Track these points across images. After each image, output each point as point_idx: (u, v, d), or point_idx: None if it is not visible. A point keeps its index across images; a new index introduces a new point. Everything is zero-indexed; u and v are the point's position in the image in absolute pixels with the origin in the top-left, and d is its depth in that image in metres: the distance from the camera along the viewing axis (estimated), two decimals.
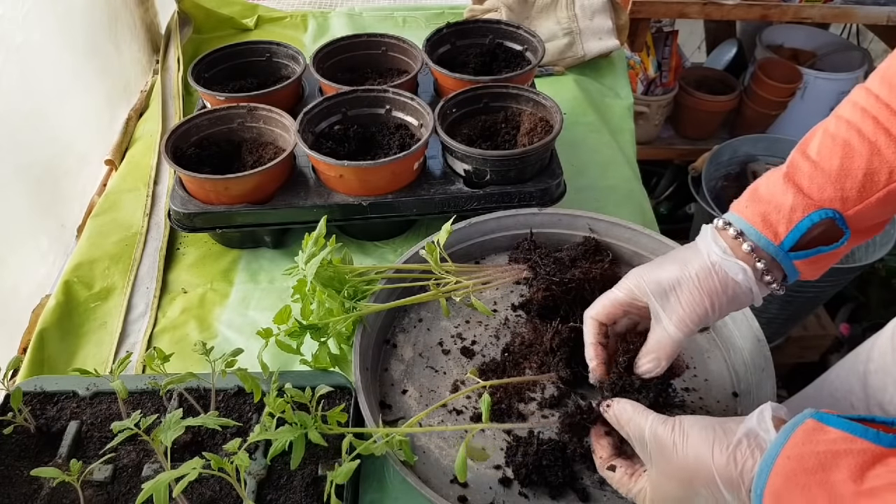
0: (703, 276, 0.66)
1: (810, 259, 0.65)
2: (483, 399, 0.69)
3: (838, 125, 0.64)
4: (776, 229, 0.64)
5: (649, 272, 0.70)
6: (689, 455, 0.58)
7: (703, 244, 0.68)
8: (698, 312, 0.67)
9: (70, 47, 1.23)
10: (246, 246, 1.10)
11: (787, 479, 0.50)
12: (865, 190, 0.61)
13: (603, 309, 0.73)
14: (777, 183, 0.65)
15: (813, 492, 0.48)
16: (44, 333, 0.96)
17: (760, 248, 0.65)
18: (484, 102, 1.13)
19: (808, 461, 0.49)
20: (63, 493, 0.73)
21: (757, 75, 2.27)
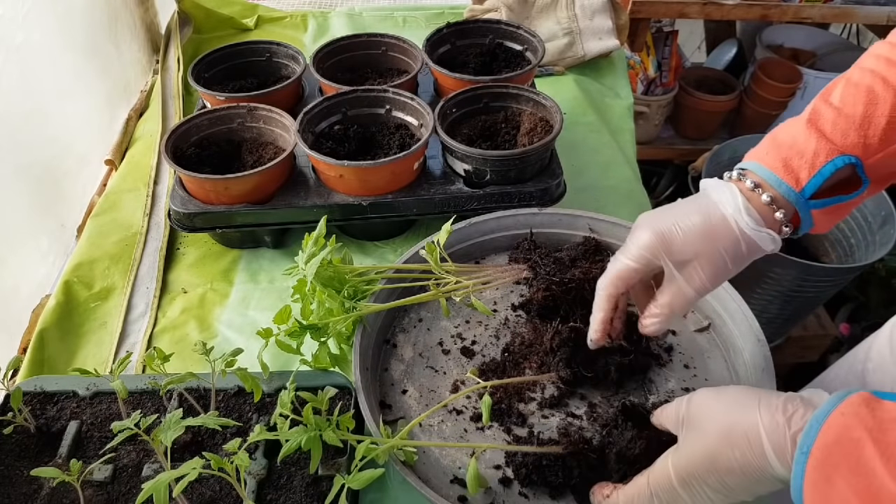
0: (730, 248, 0.64)
1: (828, 209, 0.64)
2: (483, 400, 0.69)
3: (862, 74, 0.63)
4: (798, 175, 0.63)
5: (662, 235, 0.66)
6: (733, 409, 0.56)
7: (730, 205, 0.65)
8: (719, 276, 0.66)
9: (70, 47, 1.23)
10: (246, 246, 1.10)
11: (840, 434, 0.48)
12: (888, 137, 0.61)
13: (618, 281, 0.70)
14: (799, 129, 0.64)
15: (866, 450, 0.46)
16: (44, 333, 0.96)
17: (781, 195, 0.64)
18: (484, 102, 1.13)
19: (866, 420, 0.47)
20: (63, 493, 0.73)
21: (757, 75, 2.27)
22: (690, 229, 0.65)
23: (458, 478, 0.75)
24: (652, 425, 0.75)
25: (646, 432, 0.74)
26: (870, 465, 0.46)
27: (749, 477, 0.55)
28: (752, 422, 0.54)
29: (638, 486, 0.64)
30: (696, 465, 0.58)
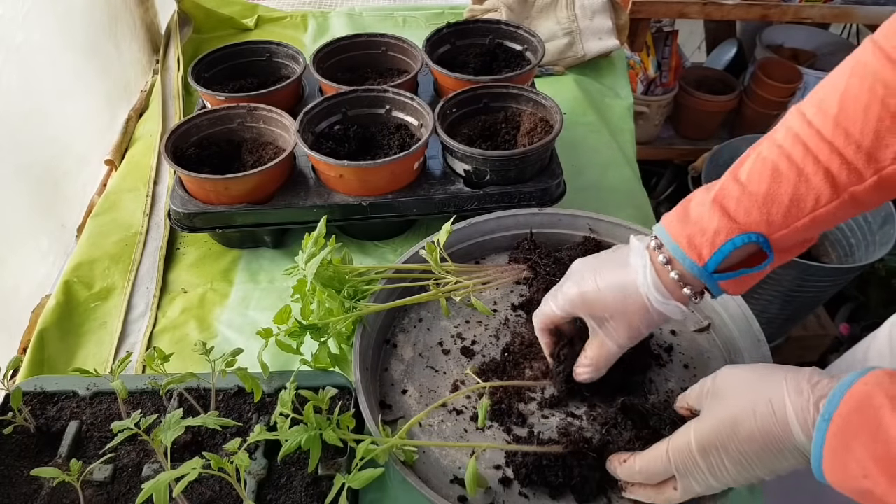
0: (640, 314, 0.70)
1: (733, 280, 0.66)
2: (481, 403, 0.69)
3: (770, 149, 0.64)
4: (700, 251, 0.65)
5: (585, 295, 0.72)
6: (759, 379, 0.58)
7: (641, 277, 0.69)
8: (634, 336, 0.72)
9: (70, 47, 1.23)
10: (246, 246, 1.10)
11: (861, 402, 0.49)
12: (791, 215, 0.62)
13: (547, 321, 0.78)
14: (705, 205, 0.66)
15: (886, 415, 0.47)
16: (44, 333, 0.96)
17: (687, 270, 0.67)
18: (484, 102, 1.13)
19: (888, 388, 0.49)
20: (63, 493, 0.73)
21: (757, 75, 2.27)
22: (608, 294, 0.71)
23: (458, 478, 0.75)
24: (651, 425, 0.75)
25: (645, 432, 0.74)
26: (890, 431, 0.46)
27: (770, 447, 0.56)
28: (778, 389, 0.56)
29: (657, 451, 0.65)
30: (718, 433, 0.59)
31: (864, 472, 0.48)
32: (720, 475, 0.59)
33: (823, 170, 0.60)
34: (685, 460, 0.61)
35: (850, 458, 0.49)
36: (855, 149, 0.58)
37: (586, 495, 0.73)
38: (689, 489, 0.63)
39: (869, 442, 0.48)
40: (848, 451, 0.49)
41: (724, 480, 0.60)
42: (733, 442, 0.58)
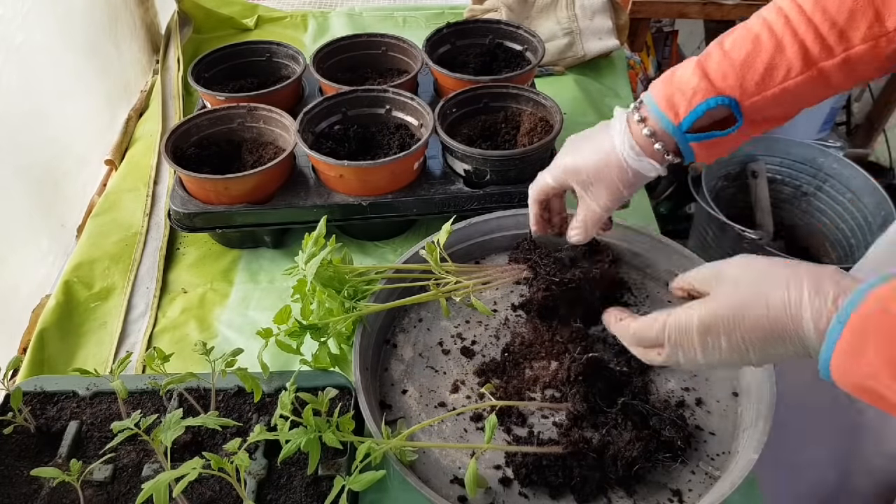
0: (618, 173, 0.75)
1: (704, 143, 0.71)
2: (489, 420, 0.69)
3: (755, 21, 0.69)
4: (677, 110, 0.70)
5: (573, 162, 0.78)
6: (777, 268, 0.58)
7: (617, 137, 0.75)
8: (615, 196, 0.77)
9: (70, 47, 1.23)
10: (246, 246, 1.10)
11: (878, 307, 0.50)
12: (763, 84, 0.67)
13: (540, 192, 0.85)
14: (689, 67, 0.71)
15: None
16: (44, 333, 0.96)
17: (661, 129, 0.72)
18: (484, 102, 1.13)
19: None
20: (63, 493, 0.73)
21: None
22: (590, 158, 0.77)
23: (458, 478, 0.75)
24: (651, 426, 0.75)
25: (645, 432, 0.74)
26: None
27: (774, 335, 0.56)
28: (796, 282, 0.55)
29: (655, 322, 0.65)
30: (724, 317, 0.59)
31: (874, 373, 0.49)
32: (711, 355, 0.60)
33: (799, 42, 0.65)
34: (681, 336, 0.62)
35: (860, 360, 0.50)
36: (830, 26, 0.64)
37: (586, 495, 0.73)
38: (673, 359, 0.64)
39: (882, 345, 0.48)
40: (859, 354, 0.50)
41: (712, 360, 0.61)
42: (738, 328, 0.58)
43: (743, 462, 0.71)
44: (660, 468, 0.74)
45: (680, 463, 0.75)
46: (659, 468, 0.74)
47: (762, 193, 2.12)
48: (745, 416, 0.79)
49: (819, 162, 2.05)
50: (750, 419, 0.77)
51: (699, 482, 0.74)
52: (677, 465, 0.74)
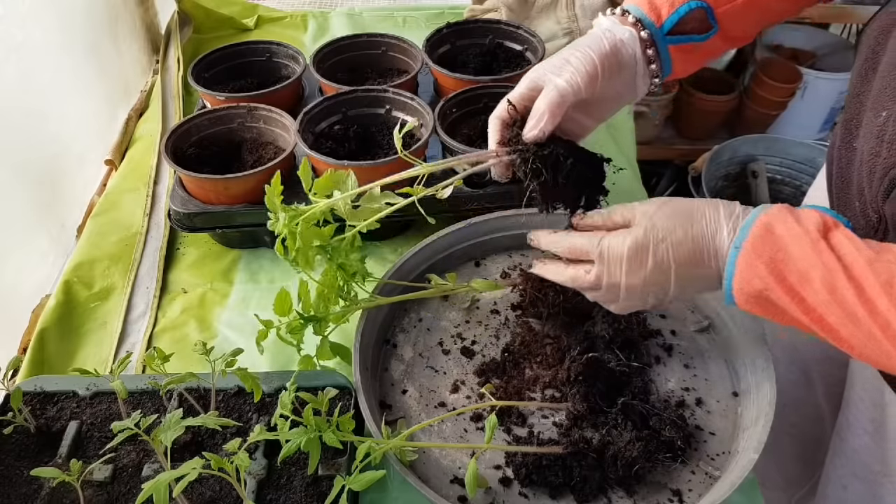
0: (593, 41, 0.73)
1: (683, 46, 0.75)
2: (489, 420, 0.69)
3: None
4: (660, 12, 0.73)
5: (546, 60, 0.75)
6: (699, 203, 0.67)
7: (595, 24, 0.76)
8: (588, 70, 0.71)
9: (70, 47, 1.23)
10: (246, 246, 1.10)
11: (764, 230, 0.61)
12: None
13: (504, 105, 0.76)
14: None
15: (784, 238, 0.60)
16: (44, 333, 0.96)
17: (644, 25, 0.74)
18: (484, 102, 1.13)
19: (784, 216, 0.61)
20: (63, 493, 0.73)
21: (757, 75, 2.26)
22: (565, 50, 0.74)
23: (458, 478, 0.75)
24: (651, 426, 0.75)
25: (645, 432, 0.74)
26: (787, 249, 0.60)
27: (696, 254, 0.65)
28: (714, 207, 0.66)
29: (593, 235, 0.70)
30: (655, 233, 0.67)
31: (765, 284, 0.61)
32: (636, 274, 0.67)
33: None
34: (612, 254, 0.68)
35: (752, 274, 0.61)
36: None
37: (586, 495, 0.73)
38: (600, 278, 0.70)
39: (767, 261, 0.60)
40: (751, 269, 0.61)
41: (635, 280, 0.68)
42: (665, 242, 0.66)
43: (743, 462, 0.71)
44: (660, 468, 0.74)
45: (680, 463, 0.75)
46: (659, 468, 0.74)
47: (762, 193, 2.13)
48: (745, 416, 0.79)
49: (819, 162, 2.05)
50: (750, 419, 0.77)
51: (699, 482, 0.74)
52: (677, 465, 0.74)
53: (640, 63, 0.75)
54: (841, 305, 0.57)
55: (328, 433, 0.67)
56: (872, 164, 0.69)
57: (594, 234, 0.70)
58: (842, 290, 0.57)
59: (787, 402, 0.75)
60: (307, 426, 0.67)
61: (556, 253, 0.75)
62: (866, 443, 0.86)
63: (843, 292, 0.57)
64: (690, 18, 0.73)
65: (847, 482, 0.91)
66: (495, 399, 0.80)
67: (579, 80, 0.71)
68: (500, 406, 0.77)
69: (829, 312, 0.58)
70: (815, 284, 0.58)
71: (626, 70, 0.74)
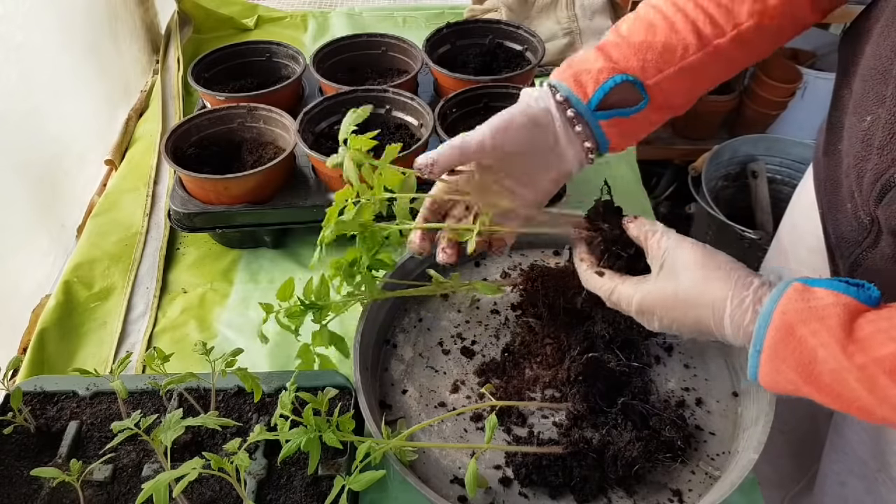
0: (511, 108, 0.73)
1: (612, 120, 0.73)
2: (489, 420, 0.69)
3: (647, 9, 0.74)
4: (585, 88, 0.72)
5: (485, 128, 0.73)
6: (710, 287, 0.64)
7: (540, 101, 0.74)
8: (494, 122, 0.72)
9: (70, 47, 1.23)
10: (246, 246, 1.10)
11: (785, 333, 0.58)
12: (663, 61, 0.71)
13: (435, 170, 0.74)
14: (590, 53, 0.74)
15: (809, 341, 0.56)
16: (44, 333, 0.96)
17: (571, 103, 0.73)
18: (484, 102, 1.13)
19: (803, 314, 0.57)
20: (63, 493, 0.73)
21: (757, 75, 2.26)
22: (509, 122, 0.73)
23: (458, 478, 0.75)
24: (651, 426, 0.75)
25: (645, 432, 0.74)
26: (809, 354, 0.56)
27: (698, 331, 0.65)
28: (723, 296, 0.63)
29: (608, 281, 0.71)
30: (660, 304, 0.66)
31: (795, 386, 0.59)
32: (646, 324, 0.69)
33: (691, 23, 0.70)
34: (621, 306, 0.70)
35: (780, 377, 0.59)
36: (716, 5, 0.70)
37: (586, 495, 0.73)
38: None
39: (794, 366, 0.57)
40: (779, 373, 0.59)
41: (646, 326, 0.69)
42: (669, 316, 0.66)
43: (743, 462, 0.71)
44: (660, 468, 0.74)
45: (680, 463, 0.75)
46: (659, 468, 0.74)
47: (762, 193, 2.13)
48: (745, 416, 0.79)
49: None
50: (750, 419, 0.77)
51: (699, 482, 0.74)
52: (677, 465, 0.74)
53: (562, 129, 0.73)
54: (884, 401, 0.55)
55: (328, 433, 0.67)
56: (860, 169, 0.68)
57: (610, 281, 0.70)
58: (883, 389, 0.54)
59: (780, 400, 0.74)
60: (307, 426, 0.67)
61: None
62: (863, 439, 0.86)
63: (885, 391, 0.54)
64: (618, 91, 0.71)
65: (845, 479, 0.91)
66: (495, 399, 0.80)
67: (486, 129, 0.72)
68: (500, 406, 0.77)
69: (871, 406, 0.56)
70: (851, 384, 0.55)
71: (542, 128, 0.73)
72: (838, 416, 0.93)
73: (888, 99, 0.64)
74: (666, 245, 0.68)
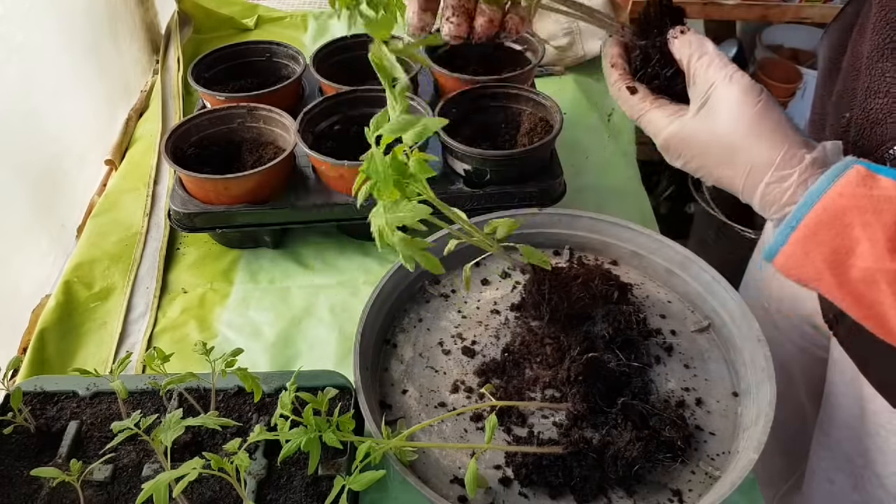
0: None
1: None
2: (489, 420, 0.69)
3: None
4: None
5: None
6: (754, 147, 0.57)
7: None
8: None
9: (70, 47, 1.23)
10: (246, 246, 1.10)
11: (833, 215, 0.52)
12: None
13: None
14: None
15: (855, 231, 0.50)
16: (44, 333, 0.96)
17: None
18: (484, 102, 1.13)
19: (861, 201, 0.51)
20: (63, 493, 0.73)
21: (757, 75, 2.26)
22: None
23: (458, 478, 0.75)
24: (651, 426, 0.75)
25: (645, 432, 0.74)
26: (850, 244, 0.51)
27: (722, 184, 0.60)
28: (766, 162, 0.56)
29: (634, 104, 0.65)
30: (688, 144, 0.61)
31: (817, 274, 0.53)
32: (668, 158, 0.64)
33: None
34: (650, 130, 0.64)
35: (807, 261, 0.53)
36: None
37: (586, 495, 0.73)
38: None
39: (828, 253, 0.52)
40: (806, 256, 0.53)
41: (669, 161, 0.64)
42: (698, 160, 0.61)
43: (743, 462, 0.71)
44: (660, 468, 0.74)
45: (680, 463, 0.75)
46: (659, 468, 0.74)
47: None
48: (745, 416, 0.79)
49: None
50: (750, 419, 0.77)
51: (699, 482, 0.74)
52: (677, 465, 0.74)
53: None
54: None
55: (328, 433, 0.67)
56: None
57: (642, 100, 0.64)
58: None
59: None
60: (307, 426, 0.67)
61: None
62: (848, 436, 0.86)
63: None
64: None
65: (833, 476, 0.92)
66: (495, 399, 0.80)
67: None
68: (500, 406, 0.77)
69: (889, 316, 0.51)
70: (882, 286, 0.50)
71: None
72: (824, 414, 0.93)
73: (860, 94, 0.63)
74: (714, 78, 0.59)
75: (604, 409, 0.77)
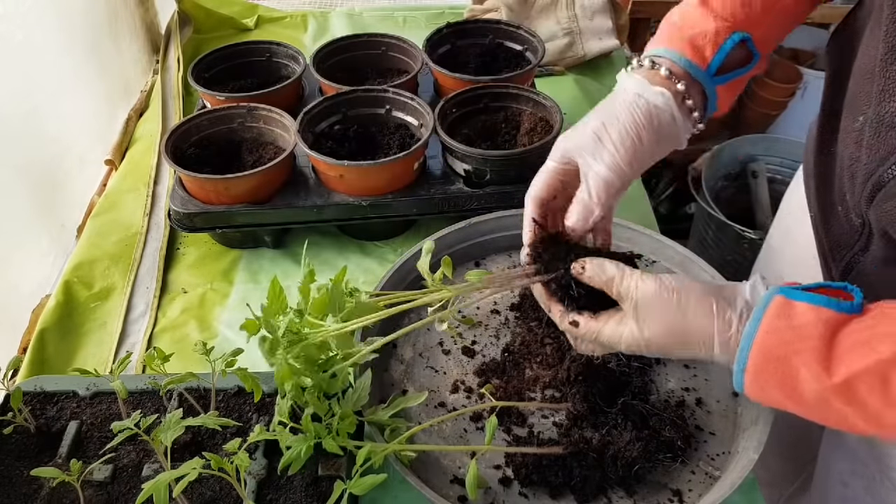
0: (625, 111, 0.67)
1: (729, 83, 0.70)
2: (489, 421, 0.69)
3: None
4: (703, 53, 0.68)
5: (574, 130, 0.70)
6: (690, 319, 0.62)
7: (620, 87, 0.69)
8: (626, 146, 0.66)
9: (70, 47, 1.23)
10: (246, 246, 1.10)
11: (766, 354, 0.58)
12: (765, 9, 0.68)
13: (540, 184, 0.72)
14: (695, 12, 0.69)
15: (791, 361, 0.56)
16: (44, 333, 0.96)
17: (681, 69, 0.68)
18: (484, 102, 1.13)
19: (784, 335, 0.57)
20: (63, 493, 0.73)
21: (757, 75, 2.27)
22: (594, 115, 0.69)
23: (458, 478, 0.75)
24: (651, 426, 0.75)
25: (645, 432, 0.74)
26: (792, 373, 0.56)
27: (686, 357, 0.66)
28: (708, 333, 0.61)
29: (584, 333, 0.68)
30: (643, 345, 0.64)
31: (781, 403, 0.59)
32: None
33: None
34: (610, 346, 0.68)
35: (765, 394, 0.60)
36: None
37: (586, 495, 0.73)
38: None
39: (778, 385, 0.58)
40: (763, 392, 0.59)
41: None
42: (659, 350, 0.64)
43: (743, 462, 0.71)
44: (660, 468, 0.74)
45: (680, 463, 0.75)
46: (659, 468, 0.74)
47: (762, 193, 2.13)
48: (745, 416, 0.79)
49: None
50: (750, 419, 0.77)
51: (699, 482, 0.74)
52: (677, 465, 0.74)
53: (680, 119, 0.68)
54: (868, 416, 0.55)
55: (328, 440, 0.67)
56: (853, 170, 0.68)
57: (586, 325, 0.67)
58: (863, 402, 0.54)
59: None
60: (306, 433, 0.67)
61: None
62: (861, 440, 0.86)
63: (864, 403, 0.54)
64: (733, 53, 0.68)
65: (847, 479, 0.91)
66: (495, 399, 0.80)
67: (622, 163, 0.66)
68: (500, 406, 0.77)
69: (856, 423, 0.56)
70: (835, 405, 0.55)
71: (667, 137, 0.69)
72: None
73: (874, 97, 0.63)
74: (629, 288, 0.64)
75: (604, 409, 0.77)
